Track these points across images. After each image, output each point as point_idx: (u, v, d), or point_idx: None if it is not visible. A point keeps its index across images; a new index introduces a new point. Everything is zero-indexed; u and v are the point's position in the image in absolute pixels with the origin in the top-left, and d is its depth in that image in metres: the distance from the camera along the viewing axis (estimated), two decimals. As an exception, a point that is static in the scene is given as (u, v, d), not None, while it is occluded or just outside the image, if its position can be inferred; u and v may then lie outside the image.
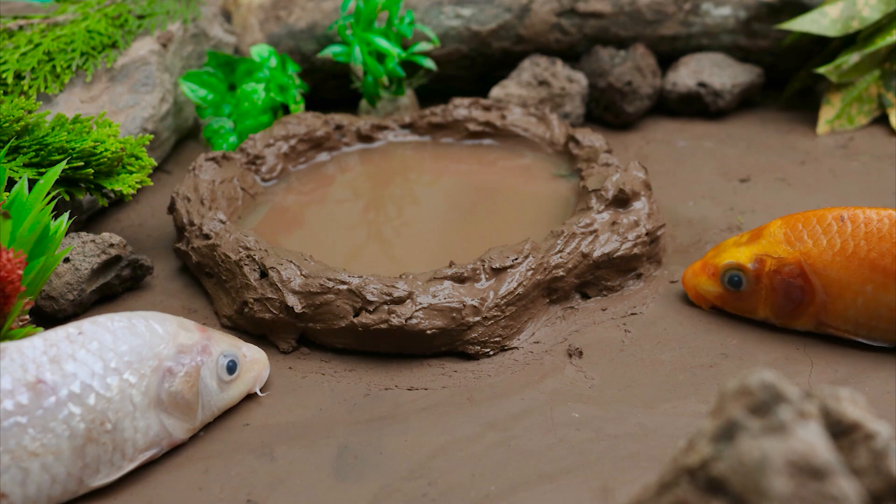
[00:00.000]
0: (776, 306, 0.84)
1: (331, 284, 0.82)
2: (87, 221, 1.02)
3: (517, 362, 0.83)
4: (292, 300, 0.83)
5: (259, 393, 0.80)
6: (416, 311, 0.81)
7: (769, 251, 0.83)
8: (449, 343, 0.83)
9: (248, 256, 0.86)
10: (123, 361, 0.71)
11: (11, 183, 0.88)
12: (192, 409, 0.74)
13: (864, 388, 0.78)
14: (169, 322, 0.75)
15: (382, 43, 1.11)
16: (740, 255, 0.84)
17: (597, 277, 0.90)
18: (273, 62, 1.12)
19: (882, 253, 0.80)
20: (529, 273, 0.85)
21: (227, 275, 0.88)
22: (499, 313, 0.83)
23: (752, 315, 0.86)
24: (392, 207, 1.03)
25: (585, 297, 0.90)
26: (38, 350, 0.69)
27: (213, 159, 0.99)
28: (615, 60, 1.18)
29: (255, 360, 0.79)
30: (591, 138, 1.03)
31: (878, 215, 0.82)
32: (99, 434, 0.69)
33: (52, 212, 0.81)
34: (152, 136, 1.01)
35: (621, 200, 0.92)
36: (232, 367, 0.77)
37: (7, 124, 0.90)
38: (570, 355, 0.84)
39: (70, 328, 0.71)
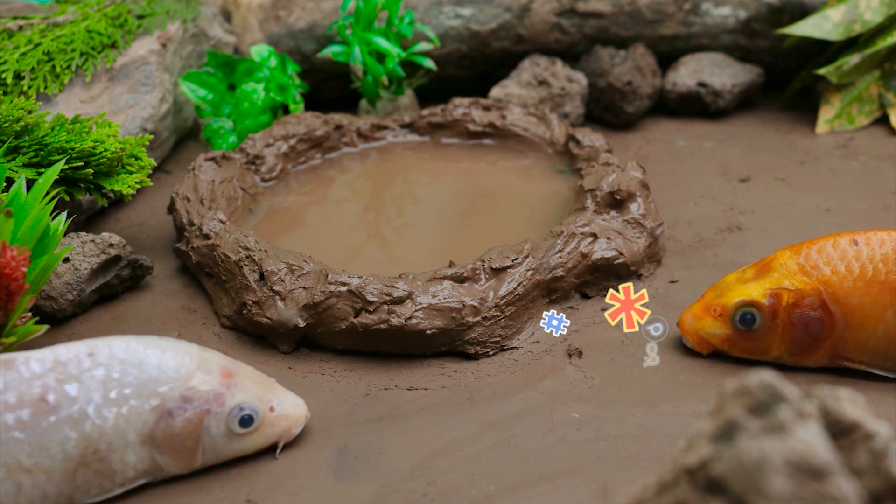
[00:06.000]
0: (793, 342, 0.79)
1: (331, 286, 0.82)
2: (86, 221, 1.02)
3: (517, 362, 0.83)
4: (292, 300, 0.83)
5: (277, 450, 0.74)
6: (416, 311, 0.81)
7: (785, 284, 0.79)
8: (449, 343, 0.83)
9: (247, 257, 0.86)
10: (123, 395, 0.69)
11: (11, 183, 0.88)
12: (190, 453, 0.71)
13: (864, 388, 0.78)
14: (189, 358, 0.72)
15: (382, 43, 1.11)
16: (752, 291, 0.79)
17: (596, 277, 0.90)
18: (273, 62, 1.12)
19: None
20: (529, 273, 0.85)
21: (227, 275, 0.88)
22: (498, 313, 0.83)
23: (764, 356, 0.80)
24: (392, 207, 1.03)
25: (585, 296, 0.90)
26: (46, 367, 0.68)
27: (213, 159, 0.99)
28: (615, 60, 1.18)
29: (283, 416, 0.74)
30: (592, 138, 1.03)
31: (889, 236, 0.78)
32: (90, 461, 0.68)
33: (51, 212, 0.81)
34: (152, 137, 1.01)
35: (617, 200, 0.92)
36: (247, 421, 0.72)
37: (7, 124, 0.90)
38: (570, 355, 0.84)
39: (83, 347, 0.70)
